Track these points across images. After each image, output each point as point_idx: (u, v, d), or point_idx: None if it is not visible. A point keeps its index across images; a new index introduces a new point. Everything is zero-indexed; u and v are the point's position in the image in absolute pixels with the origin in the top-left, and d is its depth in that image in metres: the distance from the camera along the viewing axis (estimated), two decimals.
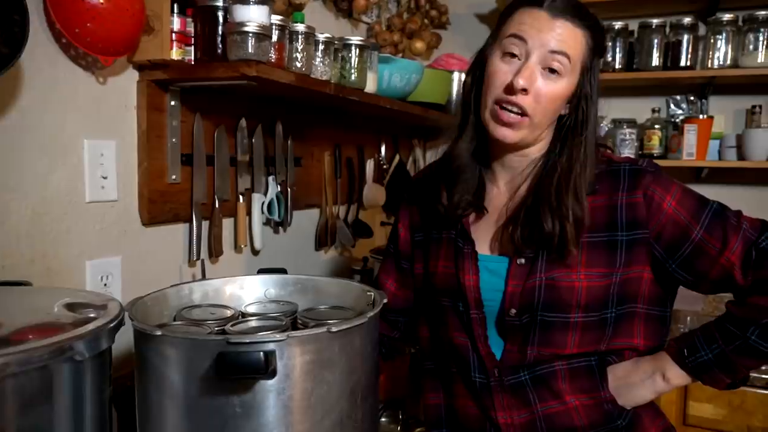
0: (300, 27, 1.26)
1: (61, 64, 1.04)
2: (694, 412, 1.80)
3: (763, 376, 1.71)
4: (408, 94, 1.77)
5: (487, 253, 0.98)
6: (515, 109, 0.90)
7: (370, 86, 1.55)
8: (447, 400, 1.04)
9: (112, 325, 0.68)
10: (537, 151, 0.97)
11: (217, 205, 1.38)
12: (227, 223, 1.45)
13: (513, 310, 0.93)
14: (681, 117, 2.12)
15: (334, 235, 1.92)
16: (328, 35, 1.35)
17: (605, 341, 0.94)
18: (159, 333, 0.69)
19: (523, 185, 0.98)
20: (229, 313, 0.91)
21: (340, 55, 1.43)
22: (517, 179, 0.99)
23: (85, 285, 1.10)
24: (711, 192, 1.01)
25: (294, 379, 0.69)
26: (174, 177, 1.27)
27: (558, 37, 0.88)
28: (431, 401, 1.06)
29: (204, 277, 1.28)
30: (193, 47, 1.20)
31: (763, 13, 1.94)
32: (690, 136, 1.99)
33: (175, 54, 1.17)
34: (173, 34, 1.16)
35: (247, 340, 0.66)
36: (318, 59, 1.35)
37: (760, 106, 2.06)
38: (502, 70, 0.91)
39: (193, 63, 1.20)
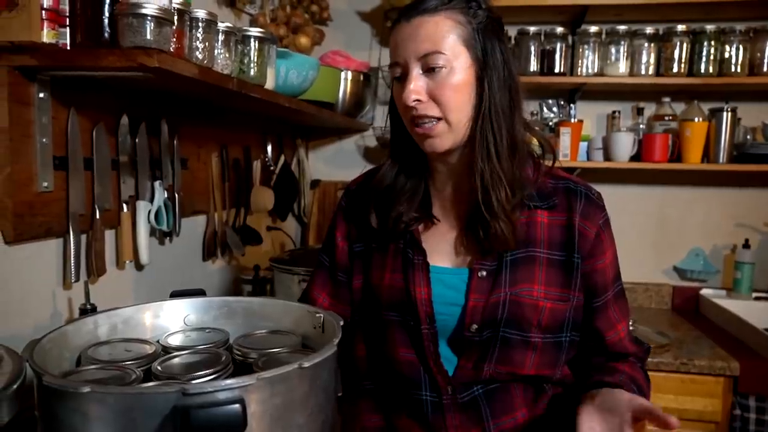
0: (201, 13, 1.11)
1: None
2: None
3: None
4: (303, 92, 1.67)
5: (441, 265, 0.93)
6: (426, 120, 0.88)
7: (269, 82, 1.43)
8: (388, 421, 0.97)
9: (14, 386, 0.52)
10: None
11: (97, 216, 1.18)
12: (108, 236, 1.25)
13: (474, 326, 0.89)
14: (554, 120, 2.26)
15: (222, 243, 1.76)
16: (228, 24, 1.21)
17: (559, 366, 0.93)
18: (87, 390, 0.53)
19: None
20: (149, 348, 0.76)
21: (239, 47, 1.30)
22: (465, 183, 0.94)
23: None
24: None
25: (262, 429, 0.58)
26: (45, 184, 1.06)
27: (422, 41, 0.85)
28: (370, 423, 0.99)
29: (88, 301, 1.09)
30: (68, 29, 1.00)
31: (623, 27, 2.12)
32: (565, 138, 2.12)
33: (46, 36, 0.97)
34: (43, 12, 0.96)
35: (210, 389, 0.54)
36: (218, 51, 1.21)
37: (619, 112, 2.26)
38: (398, 94, 0.91)
39: (69, 48, 1.00)
